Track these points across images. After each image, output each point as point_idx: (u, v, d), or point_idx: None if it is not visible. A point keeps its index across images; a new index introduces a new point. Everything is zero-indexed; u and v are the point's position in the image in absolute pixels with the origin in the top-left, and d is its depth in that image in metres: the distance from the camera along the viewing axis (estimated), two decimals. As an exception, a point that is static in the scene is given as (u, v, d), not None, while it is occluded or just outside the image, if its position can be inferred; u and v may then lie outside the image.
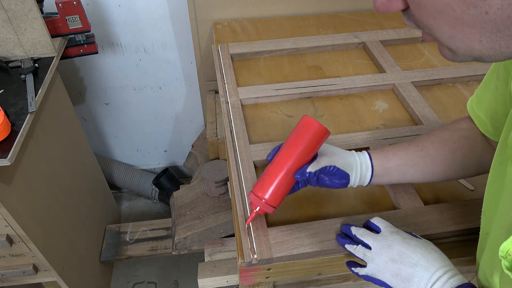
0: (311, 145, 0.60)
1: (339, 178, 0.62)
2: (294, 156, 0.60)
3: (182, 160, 1.88)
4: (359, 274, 0.59)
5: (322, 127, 0.59)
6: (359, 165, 0.64)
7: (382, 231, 0.59)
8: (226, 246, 1.14)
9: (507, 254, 0.37)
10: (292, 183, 0.62)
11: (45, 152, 1.11)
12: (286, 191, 0.62)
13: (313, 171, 0.60)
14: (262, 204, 0.61)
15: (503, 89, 0.54)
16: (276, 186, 0.60)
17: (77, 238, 1.32)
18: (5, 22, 1.01)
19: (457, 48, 0.38)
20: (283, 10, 1.27)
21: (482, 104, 0.60)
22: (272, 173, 0.61)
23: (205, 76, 1.38)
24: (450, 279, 0.49)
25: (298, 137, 0.60)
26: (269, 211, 0.62)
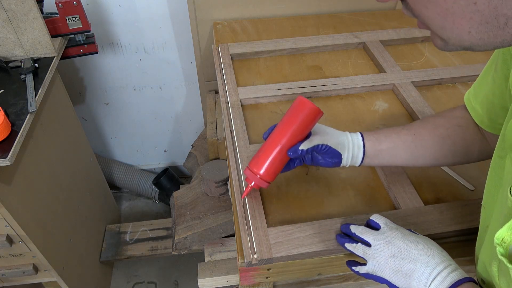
0: (304, 124, 0.62)
1: (331, 156, 0.64)
2: (288, 134, 0.62)
3: (182, 160, 1.88)
4: (360, 273, 0.59)
5: (315, 108, 0.62)
6: (351, 145, 0.65)
7: (381, 227, 0.59)
8: (226, 246, 1.14)
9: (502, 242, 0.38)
10: (286, 160, 0.64)
11: (45, 152, 1.11)
12: (280, 167, 0.65)
13: (305, 149, 0.62)
14: (257, 179, 0.64)
15: (500, 82, 0.55)
16: (270, 162, 0.63)
17: (77, 238, 1.32)
18: (5, 22, 1.01)
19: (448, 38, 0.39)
20: (283, 10, 1.27)
21: (479, 96, 0.61)
22: (266, 150, 0.64)
23: (205, 76, 1.38)
24: (451, 274, 0.50)
25: (292, 116, 0.63)
26: (264, 186, 0.65)
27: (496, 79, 0.55)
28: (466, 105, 0.64)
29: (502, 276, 0.43)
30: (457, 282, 0.48)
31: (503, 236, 0.39)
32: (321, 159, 0.65)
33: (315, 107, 0.62)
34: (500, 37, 0.36)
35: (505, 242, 0.39)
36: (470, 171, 0.77)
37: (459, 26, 0.37)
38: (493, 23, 0.35)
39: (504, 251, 0.39)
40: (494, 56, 0.57)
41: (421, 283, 0.51)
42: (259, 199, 0.70)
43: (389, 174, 0.75)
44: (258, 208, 0.69)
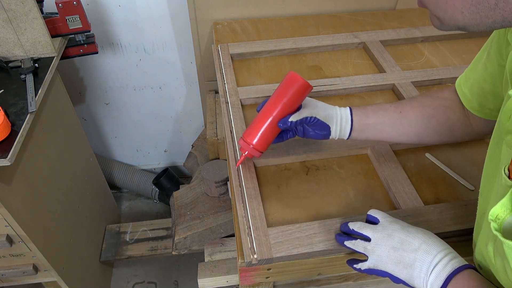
0: (295, 98, 0.66)
1: (320, 129, 0.68)
2: (279, 107, 0.66)
3: (182, 160, 1.88)
4: (362, 269, 0.59)
5: (305, 82, 0.66)
6: (339, 118, 0.68)
7: (380, 221, 0.59)
8: (226, 246, 1.14)
9: (496, 218, 0.40)
10: (277, 131, 0.69)
11: (45, 152, 1.11)
12: (271, 138, 0.69)
13: (295, 121, 0.66)
14: (250, 149, 0.69)
15: (493, 70, 0.56)
16: (262, 133, 0.68)
17: (77, 238, 1.32)
18: (5, 22, 1.01)
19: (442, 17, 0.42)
20: (283, 10, 1.27)
21: (469, 82, 0.63)
22: (259, 121, 0.68)
23: (205, 76, 1.38)
24: (451, 261, 0.50)
25: (283, 90, 0.67)
26: (256, 155, 0.70)
27: (488, 66, 0.57)
28: (456, 90, 0.66)
29: (498, 255, 0.44)
30: (458, 269, 0.49)
31: (497, 213, 0.41)
32: (311, 131, 0.69)
33: (305, 82, 0.65)
34: (491, 17, 0.39)
35: (499, 218, 0.40)
36: (470, 171, 0.77)
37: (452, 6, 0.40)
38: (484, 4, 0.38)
39: (498, 227, 0.41)
40: (487, 43, 0.59)
41: (422, 271, 0.52)
42: (259, 199, 0.70)
43: (389, 174, 0.75)
44: (258, 208, 0.69)
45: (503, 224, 0.41)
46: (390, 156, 0.78)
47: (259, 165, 0.79)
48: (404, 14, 1.27)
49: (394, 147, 0.81)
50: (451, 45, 1.14)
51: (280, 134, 0.70)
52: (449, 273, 0.49)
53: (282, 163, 0.80)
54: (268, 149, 0.79)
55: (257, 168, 0.78)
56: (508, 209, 0.40)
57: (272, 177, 0.77)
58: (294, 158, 0.79)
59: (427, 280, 0.51)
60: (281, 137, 0.71)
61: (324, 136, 0.69)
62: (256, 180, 0.73)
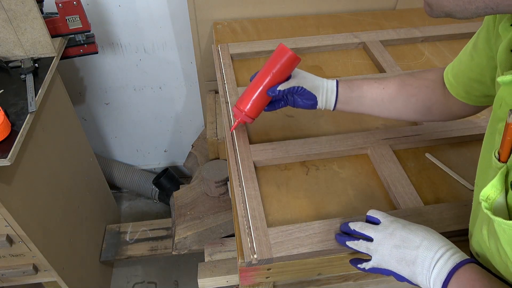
0: (283, 68, 0.71)
1: (307, 98, 0.73)
2: (269, 77, 0.71)
3: (182, 160, 1.88)
4: (366, 269, 0.60)
5: (294, 54, 0.70)
6: (325, 89, 0.73)
7: (381, 221, 0.60)
8: (226, 246, 1.14)
9: (487, 199, 0.43)
10: (268, 99, 0.74)
11: (45, 152, 1.11)
12: (262, 105, 0.75)
13: (283, 89, 0.71)
14: (243, 115, 0.75)
15: (479, 60, 0.58)
16: (253, 101, 0.73)
17: (77, 238, 1.32)
18: (5, 22, 1.01)
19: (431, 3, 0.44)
20: (283, 10, 1.27)
21: (454, 70, 0.65)
22: (250, 90, 0.73)
23: (205, 76, 1.38)
24: (453, 256, 0.50)
25: (274, 61, 0.71)
26: (248, 121, 0.76)
27: (475, 57, 0.59)
28: (444, 77, 0.68)
29: (491, 237, 0.45)
30: (459, 264, 0.49)
31: (488, 194, 0.43)
32: (300, 101, 0.74)
33: (293, 54, 0.70)
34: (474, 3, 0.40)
35: (490, 199, 0.43)
36: (470, 171, 0.77)
37: None
38: None
39: (489, 206, 0.43)
40: (475, 35, 0.61)
41: (424, 268, 0.52)
42: (259, 199, 0.70)
43: (389, 174, 0.75)
44: (258, 208, 0.69)
45: (493, 204, 0.43)
46: (390, 156, 0.79)
47: (259, 165, 0.79)
48: (404, 14, 1.27)
49: (394, 147, 0.81)
50: (451, 45, 1.14)
51: (273, 103, 0.76)
52: (451, 268, 0.49)
53: (282, 163, 0.80)
54: (268, 149, 0.79)
55: (257, 168, 0.78)
56: (498, 189, 0.43)
57: (272, 177, 0.77)
58: (294, 158, 0.79)
59: (430, 276, 0.51)
60: (274, 106, 0.76)
61: (311, 106, 0.74)
62: (256, 180, 0.73)
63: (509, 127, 0.42)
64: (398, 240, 0.55)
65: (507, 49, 0.46)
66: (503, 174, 0.43)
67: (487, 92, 0.61)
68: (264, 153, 0.79)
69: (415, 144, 0.82)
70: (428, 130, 0.84)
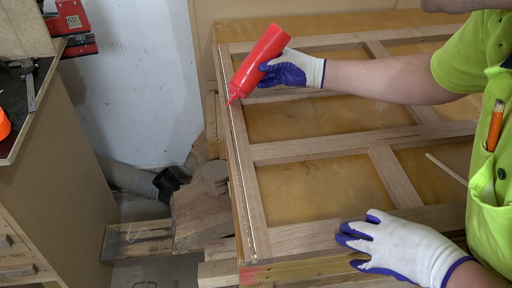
0: (275, 45, 0.76)
1: (296, 74, 0.78)
2: (261, 53, 0.77)
3: (182, 160, 1.88)
4: (366, 269, 0.60)
5: (284, 32, 0.76)
6: (313, 67, 0.78)
7: (381, 220, 0.60)
8: (226, 246, 1.14)
9: (476, 187, 0.45)
10: (260, 74, 0.79)
11: (45, 152, 1.11)
12: (256, 81, 0.80)
13: (273, 65, 0.76)
14: (237, 90, 0.81)
15: (466, 52, 0.61)
16: (247, 77, 0.79)
17: (77, 238, 1.32)
18: (5, 22, 1.01)
19: None
20: (283, 10, 1.27)
21: (439, 60, 0.67)
22: (244, 66, 0.79)
23: (205, 76, 1.38)
24: (452, 253, 0.51)
25: (265, 39, 0.77)
26: (243, 96, 0.82)
27: (462, 50, 0.61)
28: (430, 66, 0.70)
29: (481, 227, 0.46)
30: (459, 261, 0.50)
31: (476, 183, 0.45)
32: (290, 77, 0.79)
33: (283, 32, 0.76)
34: None
35: (479, 187, 0.45)
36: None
37: None
38: None
39: (478, 193, 0.45)
40: (461, 29, 0.63)
41: (424, 266, 0.52)
42: (259, 199, 0.70)
43: (389, 174, 0.75)
44: (258, 208, 0.69)
45: (482, 192, 0.44)
46: (390, 156, 0.79)
47: (259, 165, 0.79)
48: (404, 14, 1.27)
49: (394, 147, 0.81)
50: (451, 45, 1.14)
51: (266, 80, 0.82)
52: (450, 265, 0.50)
53: (282, 163, 0.80)
54: (268, 149, 0.79)
55: (257, 168, 0.78)
56: (486, 177, 0.44)
57: (272, 177, 0.77)
58: (294, 158, 0.79)
59: (429, 274, 0.51)
60: (267, 83, 0.82)
61: (301, 82, 0.79)
62: (256, 180, 0.73)
63: (495, 116, 0.44)
64: (398, 239, 0.56)
65: (496, 44, 0.47)
66: (491, 163, 0.44)
67: (471, 83, 0.63)
68: (264, 153, 0.79)
69: (415, 144, 0.82)
70: (428, 130, 0.84)
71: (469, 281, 0.47)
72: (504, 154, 0.43)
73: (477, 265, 0.49)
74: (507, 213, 0.40)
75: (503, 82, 0.45)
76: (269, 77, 0.82)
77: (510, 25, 0.45)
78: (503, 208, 0.40)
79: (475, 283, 0.47)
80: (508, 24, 0.45)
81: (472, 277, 0.47)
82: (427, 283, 0.52)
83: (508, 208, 0.40)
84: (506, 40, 0.46)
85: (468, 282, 0.47)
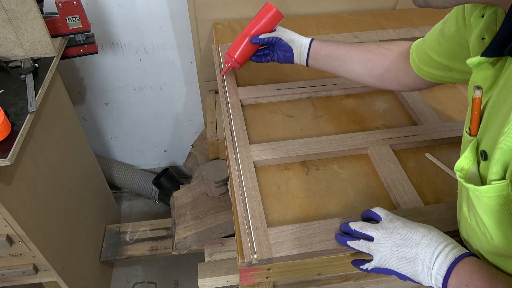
0: (268, 22, 0.86)
1: (285, 50, 0.85)
2: (255, 29, 0.86)
3: (182, 160, 1.88)
4: (369, 269, 0.60)
5: (277, 11, 0.84)
6: (300, 44, 0.85)
7: (382, 219, 0.60)
8: (226, 246, 1.14)
9: (462, 169, 0.47)
10: (254, 47, 0.88)
11: (45, 152, 1.11)
12: (249, 53, 0.89)
13: (263, 38, 0.85)
14: (232, 61, 0.90)
15: (447, 46, 0.63)
16: (241, 49, 0.88)
17: (77, 238, 1.32)
18: (5, 22, 1.01)
19: None
20: (283, 10, 1.26)
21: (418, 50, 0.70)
22: (239, 40, 0.88)
23: (205, 76, 1.38)
24: (452, 251, 0.51)
25: (260, 16, 0.86)
26: (237, 66, 0.91)
27: (442, 43, 0.64)
28: (410, 55, 0.73)
29: (471, 211, 0.48)
30: (458, 258, 0.50)
31: (462, 165, 0.47)
32: (279, 52, 0.86)
33: (277, 10, 0.84)
34: None
35: (464, 169, 0.47)
36: (470, 171, 0.77)
37: None
38: None
39: (463, 175, 0.47)
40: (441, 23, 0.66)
41: (425, 265, 0.52)
42: (259, 199, 0.70)
43: (389, 174, 0.75)
44: (258, 208, 0.69)
45: (467, 175, 0.47)
46: (390, 156, 0.79)
47: (259, 165, 0.79)
48: (404, 14, 1.27)
49: (394, 147, 0.81)
50: (451, 45, 1.14)
51: (260, 56, 0.90)
52: (450, 262, 0.50)
53: (282, 163, 0.80)
54: (268, 149, 0.79)
55: (257, 168, 0.78)
56: (470, 160, 0.46)
57: (272, 177, 0.77)
58: (294, 158, 0.79)
59: (431, 273, 0.52)
60: (260, 58, 0.90)
61: (290, 59, 0.86)
62: (256, 180, 0.73)
63: (475, 102, 0.46)
64: (398, 238, 0.56)
65: (479, 38, 0.50)
66: (474, 146, 0.47)
67: (449, 75, 0.67)
68: (264, 153, 0.79)
69: (415, 144, 0.82)
70: (428, 130, 0.84)
71: (468, 276, 0.48)
72: (485, 137, 0.45)
73: (476, 260, 0.50)
74: (489, 191, 0.42)
75: (485, 73, 0.48)
76: (263, 53, 0.90)
77: (492, 20, 0.48)
78: (485, 187, 0.42)
79: (474, 278, 0.47)
80: (490, 19, 0.48)
81: (471, 272, 0.48)
82: (429, 282, 0.52)
83: (490, 187, 0.42)
84: (488, 34, 0.48)
85: (468, 277, 0.48)
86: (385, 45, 0.78)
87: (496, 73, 0.46)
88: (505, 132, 0.39)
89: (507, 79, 0.43)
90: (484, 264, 0.49)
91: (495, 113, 0.43)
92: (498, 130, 0.41)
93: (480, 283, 0.46)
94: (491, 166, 0.42)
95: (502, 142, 0.39)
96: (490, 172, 0.42)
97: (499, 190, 0.41)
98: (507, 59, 0.44)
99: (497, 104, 0.43)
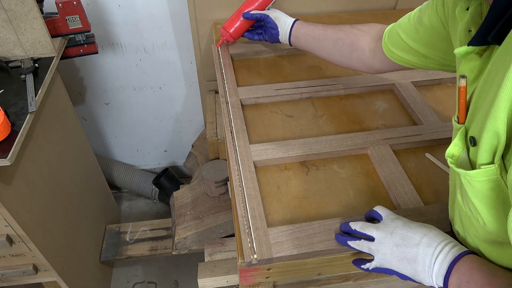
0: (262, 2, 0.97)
1: (271, 27, 0.95)
2: (250, 7, 0.98)
3: (182, 160, 1.88)
4: (370, 269, 0.60)
5: None
6: (284, 22, 0.93)
7: (383, 219, 0.60)
8: (226, 246, 1.14)
9: (452, 156, 0.48)
10: (247, 24, 1.00)
11: (45, 152, 1.11)
12: (243, 29, 1.01)
13: (253, 13, 0.97)
14: (227, 35, 1.01)
15: (426, 35, 0.66)
16: (237, 25, 1.00)
17: (77, 238, 1.32)
18: (5, 22, 1.01)
19: None
20: (283, 10, 1.26)
21: (391, 35, 0.73)
22: (235, 16, 1.00)
23: (205, 76, 1.38)
24: (452, 249, 0.51)
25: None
26: (231, 40, 1.03)
27: (420, 31, 0.66)
28: (382, 39, 0.75)
29: (464, 198, 0.49)
30: (458, 256, 0.50)
31: (452, 152, 0.48)
32: (268, 30, 0.96)
33: None
34: None
35: (454, 156, 0.48)
36: (470, 171, 0.77)
37: None
38: None
39: (454, 161, 0.48)
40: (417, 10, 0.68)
41: (426, 265, 0.52)
42: (259, 199, 0.70)
43: (389, 174, 0.75)
44: (258, 208, 0.69)
45: (458, 161, 0.48)
46: (390, 156, 0.79)
47: (259, 165, 0.79)
48: (404, 14, 1.27)
49: (394, 147, 0.81)
50: (451, 45, 1.14)
51: (252, 33, 1.01)
52: (450, 261, 0.50)
53: (282, 163, 0.80)
54: (268, 149, 0.79)
55: (257, 168, 0.78)
56: (460, 147, 0.48)
57: (272, 177, 0.77)
58: (294, 158, 0.79)
59: (431, 273, 0.52)
60: (252, 35, 1.02)
61: (275, 36, 0.95)
62: (256, 180, 0.74)
63: (460, 91, 0.48)
64: (399, 238, 0.56)
65: (466, 30, 0.51)
66: (463, 134, 0.48)
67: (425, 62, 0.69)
68: (264, 153, 0.79)
69: (415, 144, 0.82)
70: (428, 130, 0.84)
71: (469, 273, 0.48)
72: (473, 124, 0.46)
73: (476, 258, 0.50)
74: (479, 176, 0.43)
75: (472, 64, 0.49)
76: (256, 32, 1.01)
77: (477, 13, 0.49)
78: (475, 171, 0.43)
79: (474, 274, 0.47)
80: (475, 12, 0.50)
81: (471, 269, 0.48)
82: (430, 281, 0.52)
83: (479, 171, 0.43)
84: (474, 26, 0.50)
85: (468, 274, 0.48)
86: (358, 26, 0.82)
87: (482, 63, 0.47)
88: (491, 115, 0.39)
89: (492, 66, 0.44)
90: (484, 261, 0.49)
91: (481, 100, 0.44)
92: (485, 115, 0.41)
93: (481, 279, 0.46)
94: (480, 151, 0.42)
95: (489, 125, 0.40)
96: (479, 157, 0.43)
97: (488, 175, 0.42)
98: (493, 49, 0.45)
99: (483, 91, 0.44)
